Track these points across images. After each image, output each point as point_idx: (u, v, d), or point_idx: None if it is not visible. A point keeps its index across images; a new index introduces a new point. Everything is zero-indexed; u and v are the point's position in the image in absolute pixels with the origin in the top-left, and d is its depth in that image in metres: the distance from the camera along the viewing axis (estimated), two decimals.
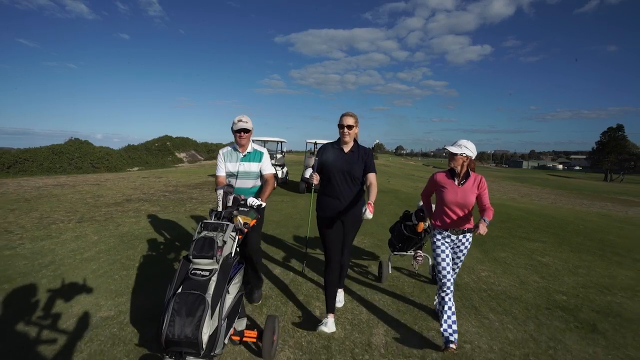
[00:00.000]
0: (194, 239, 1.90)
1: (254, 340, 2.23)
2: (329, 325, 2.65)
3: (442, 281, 2.66)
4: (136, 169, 20.99)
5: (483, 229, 2.34)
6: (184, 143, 28.12)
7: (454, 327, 2.53)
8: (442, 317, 2.56)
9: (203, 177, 13.30)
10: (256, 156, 2.97)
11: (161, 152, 25.65)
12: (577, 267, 4.76)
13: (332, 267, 2.74)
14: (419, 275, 4.01)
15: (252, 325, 2.67)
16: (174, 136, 28.03)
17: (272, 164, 10.53)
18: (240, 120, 2.84)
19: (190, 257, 1.84)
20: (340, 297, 3.14)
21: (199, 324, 1.61)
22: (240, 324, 2.23)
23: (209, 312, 1.66)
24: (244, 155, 2.93)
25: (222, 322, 1.76)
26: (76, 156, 18.47)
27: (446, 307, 2.57)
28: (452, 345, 2.46)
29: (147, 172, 17.18)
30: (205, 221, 2.05)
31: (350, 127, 2.69)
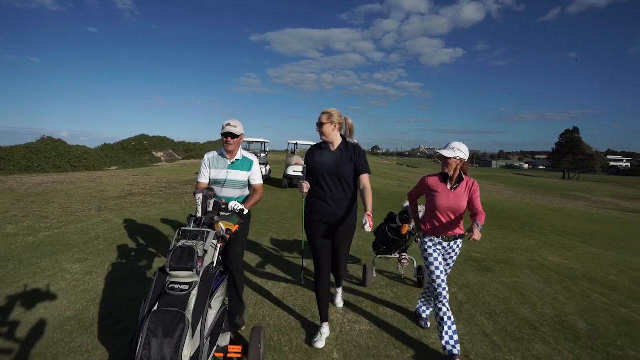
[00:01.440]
0: (170, 248, 1.77)
1: (239, 355, 2.12)
2: (325, 332, 2.70)
3: (438, 291, 2.56)
4: (114, 168, 21.40)
5: (477, 235, 2.29)
6: (161, 142, 28.52)
7: (455, 337, 2.47)
8: (442, 329, 2.48)
9: (191, 175, 14.33)
10: (245, 164, 2.83)
11: (138, 151, 25.99)
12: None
13: (323, 277, 2.67)
14: (404, 278, 4.04)
15: (237, 338, 2.60)
16: (151, 135, 28.43)
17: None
18: (228, 124, 2.67)
19: (167, 269, 1.69)
20: (339, 297, 3.15)
21: (178, 345, 1.48)
22: (224, 339, 2.08)
23: (190, 331, 1.54)
24: (232, 163, 2.79)
25: (205, 341, 1.64)
26: (53, 155, 18.78)
27: (445, 318, 2.50)
28: None
29: (134, 170, 17.88)
30: (184, 229, 1.91)
31: (320, 124, 2.56)
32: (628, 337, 3.02)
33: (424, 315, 2.99)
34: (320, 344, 2.64)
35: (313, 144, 2.82)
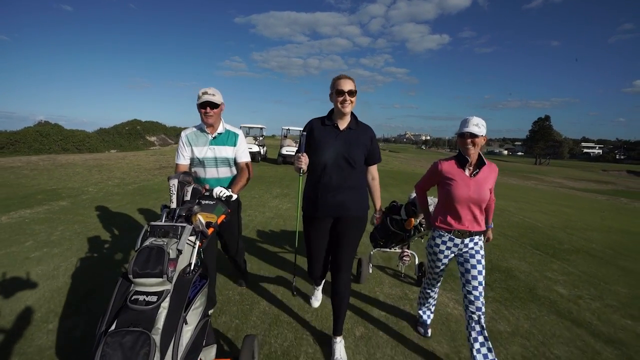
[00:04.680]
0: (136, 248, 1.46)
1: None
2: (319, 293, 2.82)
3: (431, 292, 2.50)
4: (113, 151, 23.96)
5: (491, 236, 2.43)
6: (154, 127, 30.92)
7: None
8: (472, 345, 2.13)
9: None
10: (230, 138, 2.58)
11: (132, 135, 28.38)
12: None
13: (316, 267, 2.39)
14: (403, 276, 3.75)
15: (227, 348, 2.35)
16: (143, 120, 30.80)
17: (256, 144, 16.49)
18: (205, 93, 2.39)
19: (130, 275, 1.37)
20: (341, 352, 2.30)
21: None
22: (209, 354, 1.82)
23: (157, 355, 1.25)
24: (214, 137, 2.53)
25: None
26: (59, 138, 21.27)
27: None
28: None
29: (149, 151, 20.58)
30: (153, 223, 1.58)
31: (352, 93, 2.09)
32: None
33: (426, 321, 2.55)
34: (316, 302, 2.81)
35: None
